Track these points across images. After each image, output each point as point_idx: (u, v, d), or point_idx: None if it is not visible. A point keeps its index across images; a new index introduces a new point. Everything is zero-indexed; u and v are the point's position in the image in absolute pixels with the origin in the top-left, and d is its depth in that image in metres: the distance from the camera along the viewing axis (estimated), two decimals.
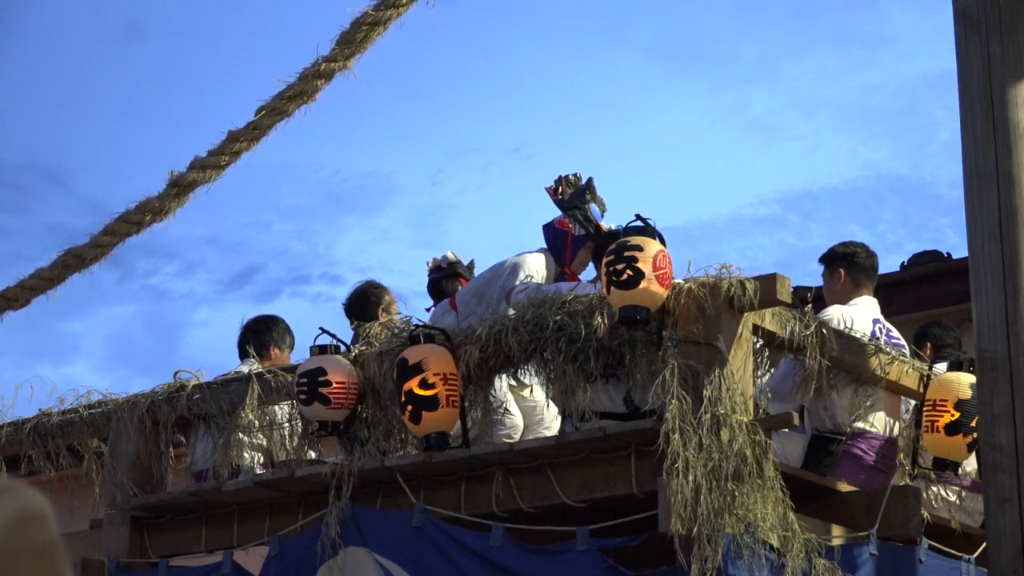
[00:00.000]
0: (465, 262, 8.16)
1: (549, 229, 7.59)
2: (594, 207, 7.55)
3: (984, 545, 6.38)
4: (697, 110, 26.15)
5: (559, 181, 7.59)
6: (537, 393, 7.27)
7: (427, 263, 8.20)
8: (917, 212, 24.73)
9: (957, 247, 12.09)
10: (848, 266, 7.50)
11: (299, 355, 8.15)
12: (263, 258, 26.66)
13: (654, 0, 25.31)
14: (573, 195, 7.53)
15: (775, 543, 5.94)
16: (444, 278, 8.07)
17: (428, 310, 8.00)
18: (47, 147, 26.79)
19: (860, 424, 7.00)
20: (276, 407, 7.50)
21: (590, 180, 7.59)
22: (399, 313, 7.98)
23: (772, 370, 6.85)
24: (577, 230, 7.52)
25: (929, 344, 7.81)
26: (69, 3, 25.66)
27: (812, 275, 7.66)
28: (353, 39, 5.47)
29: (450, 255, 8.12)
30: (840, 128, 26.05)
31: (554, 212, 7.63)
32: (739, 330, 6.19)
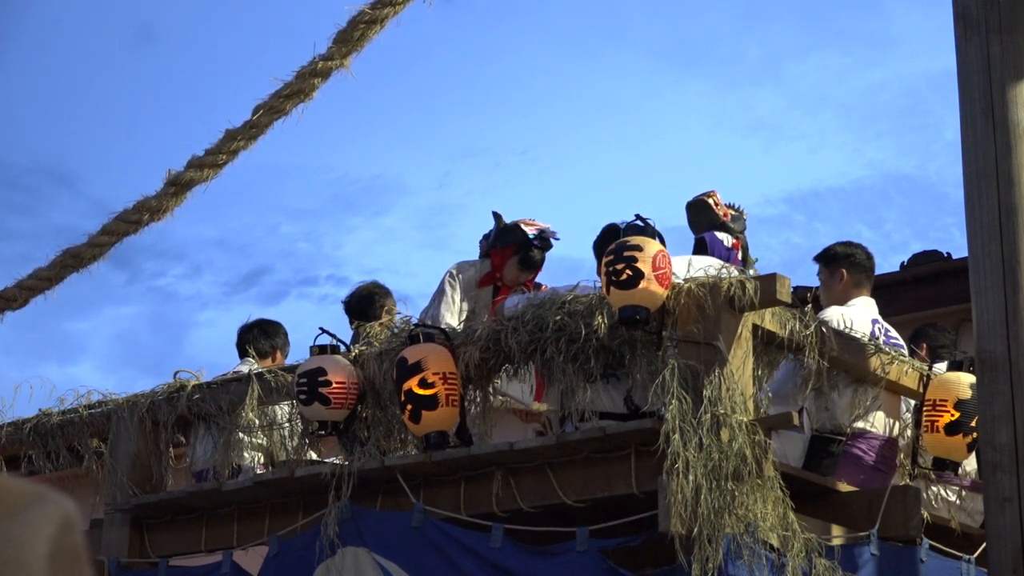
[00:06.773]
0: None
1: (718, 243, 7.70)
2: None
3: (984, 545, 6.36)
4: (702, 110, 26.15)
5: (720, 202, 7.81)
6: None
7: (523, 224, 8.12)
8: (923, 211, 24.73)
9: (962, 247, 12.06)
10: (850, 266, 7.49)
11: (299, 355, 8.16)
12: (270, 260, 26.70)
13: (658, 1, 25.32)
14: (737, 221, 7.76)
15: (775, 543, 5.93)
16: (541, 250, 8.08)
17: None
18: (56, 150, 26.85)
19: (860, 424, 6.99)
20: (276, 407, 7.50)
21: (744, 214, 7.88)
22: (400, 314, 7.99)
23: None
24: (740, 256, 7.81)
25: (925, 344, 7.79)
26: (79, 6, 25.69)
27: None
28: (350, 37, 5.46)
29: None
30: (845, 128, 26.05)
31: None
32: (739, 330, 6.17)
